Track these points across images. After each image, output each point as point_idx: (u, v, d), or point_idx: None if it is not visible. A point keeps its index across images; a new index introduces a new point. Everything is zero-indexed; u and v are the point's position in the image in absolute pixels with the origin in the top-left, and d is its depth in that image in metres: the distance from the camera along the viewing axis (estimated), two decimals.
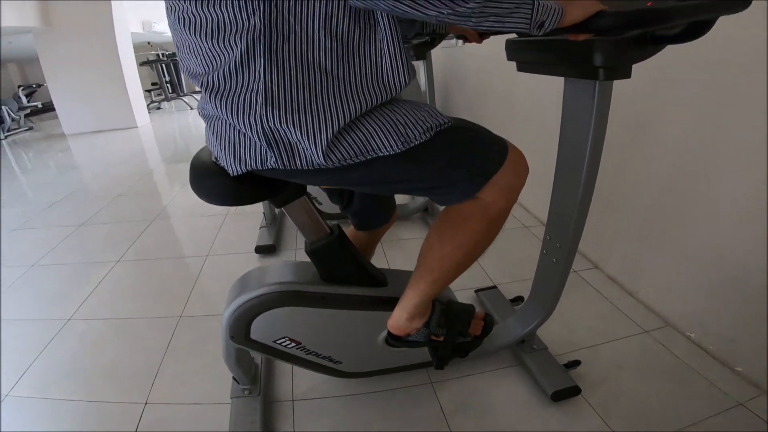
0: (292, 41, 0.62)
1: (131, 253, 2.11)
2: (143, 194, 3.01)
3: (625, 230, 1.65)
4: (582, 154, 0.80)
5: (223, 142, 0.71)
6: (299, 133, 0.65)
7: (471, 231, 0.79)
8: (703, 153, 1.28)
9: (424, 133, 0.70)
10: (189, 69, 0.71)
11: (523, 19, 0.58)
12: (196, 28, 0.64)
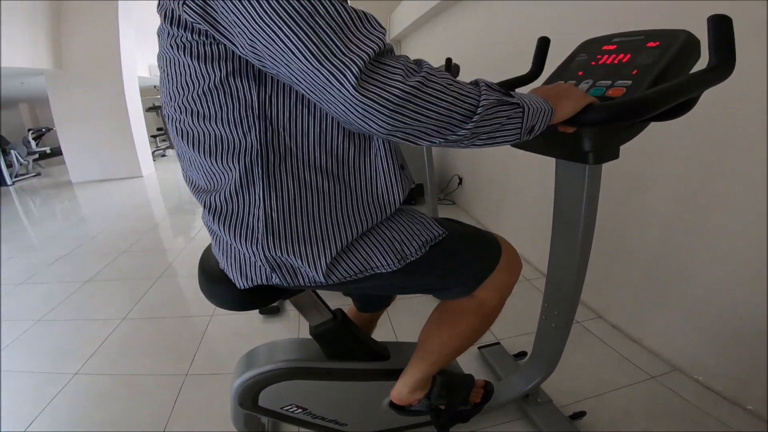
0: (289, 160, 0.64)
1: (137, 311, 2.13)
2: (148, 251, 3.04)
3: (628, 279, 1.68)
4: (575, 231, 0.84)
5: (229, 259, 0.73)
6: (300, 260, 0.68)
7: (467, 324, 0.85)
8: (700, 202, 1.34)
9: (420, 249, 0.74)
10: (192, 181, 0.73)
11: (515, 129, 0.59)
12: (194, 143, 0.66)
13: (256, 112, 0.61)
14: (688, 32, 0.75)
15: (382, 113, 0.50)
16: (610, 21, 1.65)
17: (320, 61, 0.49)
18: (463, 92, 0.54)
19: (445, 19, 3.63)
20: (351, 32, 0.50)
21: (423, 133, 0.54)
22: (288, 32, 0.50)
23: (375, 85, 0.49)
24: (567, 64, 0.89)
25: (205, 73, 0.60)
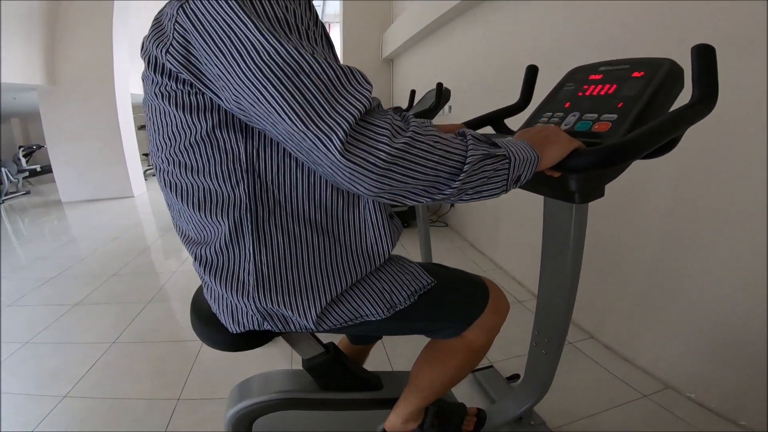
0: (278, 214, 0.64)
1: (127, 334, 2.10)
2: (139, 273, 3.00)
3: (619, 300, 1.70)
4: (564, 265, 0.86)
5: (220, 306, 0.72)
6: (291, 311, 0.68)
7: (456, 362, 0.87)
8: (691, 224, 1.37)
9: (409, 298, 0.75)
10: (182, 231, 0.73)
11: (501, 181, 0.58)
12: (183, 195, 0.65)
13: (243, 165, 0.61)
14: (672, 61, 0.77)
15: (369, 177, 0.50)
16: (600, 39, 1.69)
17: (306, 125, 0.48)
18: (449, 149, 0.54)
19: (437, 39, 3.70)
20: (337, 91, 0.50)
21: (410, 193, 0.54)
22: (273, 92, 0.49)
23: (361, 148, 0.49)
24: (554, 94, 0.91)
25: (191, 124, 0.60)
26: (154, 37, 0.58)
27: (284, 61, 0.49)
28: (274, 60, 0.49)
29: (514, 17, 2.36)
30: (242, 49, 0.50)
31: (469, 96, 3.01)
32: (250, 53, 0.50)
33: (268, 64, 0.49)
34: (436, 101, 1.95)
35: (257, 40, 0.49)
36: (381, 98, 5.06)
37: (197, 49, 0.54)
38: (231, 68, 0.51)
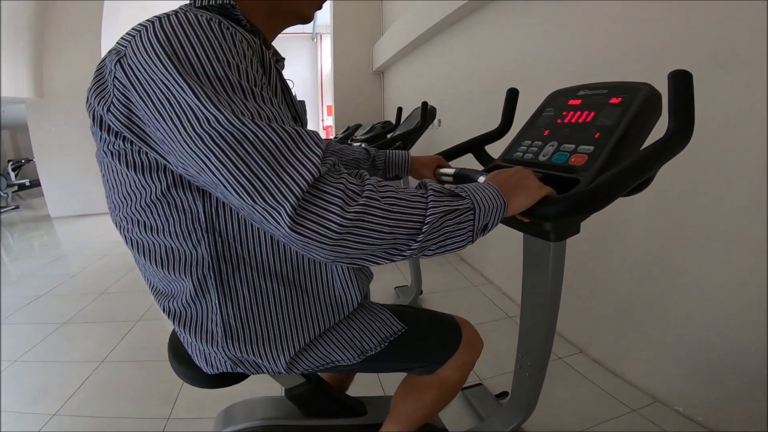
0: (242, 269, 0.63)
1: (117, 353, 2.08)
2: (129, 291, 2.97)
3: (607, 316, 1.72)
4: (543, 296, 0.86)
5: (194, 351, 0.72)
6: (261, 359, 0.68)
7: (431, 397, 0.88)
8: (672, 244, 1.40)
9: (380, 344, 0.75)
10: (150, 283, 0.71)
11: (466, 234, 0.56)
12: (145, 253, 0.64)
13: (203, 224, 0.60)
14: (649, 87, 0.77)
15: (322, 248, 0.47)
16: (587, 53, 1.72)
17: (253, 198, 0.46)
18: (407, 210, 0.51)
19: (427, 51, 3.73)
20: (284, 158, 0.47)
21: (368, 258, 0.51)
22: (216, 163, 0.47)
23: (312, 219, 0.46)
24: (534, 120, 0.92)
25: (145, 184, 0.58)
26: (96, 91, 0.56)
27: (225, 130, 0.46)
28: (215, 128, 0.46)
29: (502, 30, 2.39)
30: (182, 114, 0.48)
31: (458, 108, 3.04)
32: (190, 120, 0.47)
33: (208, 133, 0.47)
34: (421, 121, 1.96)
35: (196, 105, 0.47)
36: (371, 111, 5.03)
37: (138, 108, 0.51)
38: (172, 134, 0.49)
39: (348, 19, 5.45)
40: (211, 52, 0.50)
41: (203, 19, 0.53)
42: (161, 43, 0.50)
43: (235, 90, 0.49)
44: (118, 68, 0.52)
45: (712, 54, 1.22)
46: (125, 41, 0.54)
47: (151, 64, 0.49)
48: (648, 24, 1.43)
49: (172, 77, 0.48)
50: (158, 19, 0.53)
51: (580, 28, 1.76)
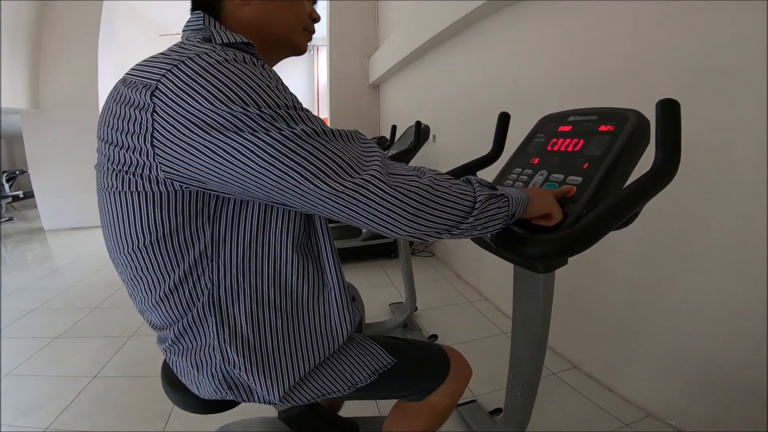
0: (242, 300, 0.64)
1: (110, 368, 2.07)
2: (123, 306, 2.94)
3: (600, 332, 1.74)
4: (534, 323, 0.88)
5: (186, 378, 0.72)
6: (257, 387, 0.68)
7: (421, 422, 0.89)
8: (662, 263, 1.43)
9: (370, 377, 0.77)
10: (146, 317, 0.71)
11: (502, 218, 0.65)
12: (145, 291, 0.65)
13: (209, 256, 0.62)
14: (637, 114, 0.78)
15: (405, 217, 0.55)
16: (584, 70, 1.75)
17: (341, 176, 0.53)
18: (462, 190, 0.61)
19: (423, 65, 3.77)
20: (356, 144, 0.57)
21: (435, 231, 0.59)
22: (301, 166, 0.52)
23: (397, 189, 0.55)
24: (525, 146, 0.94)
25: (152, 225, 0.59)
26: (124, 126, 0.55)
27: (301, 139, 0.53)
28: (300, 137, 0.53)
29: (497, 44, 2.43)
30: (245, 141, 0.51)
31: (453, 123, 3.07)
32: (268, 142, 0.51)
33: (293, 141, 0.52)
34: (414, 141, 1.97)
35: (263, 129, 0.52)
36: (367, 124, 5.05)
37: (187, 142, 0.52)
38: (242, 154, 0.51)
39: (344, 31, 5.50)
40: (260, 81, 0.54)
41: (239, 56, 0.56)
42: (209, 76, 0.52)
43: (289, 108, 0.55)
44: (158, 102, 0.52)
45: (701, 70, 1.26)
46: (154, 75, 0.54)
47: (205, 99, 0.51)
48: (639, 39, 1.47)
49: (225, 109, 0.51)
50: (195, 55, 0.54)
51: (571, 45, 1.81)
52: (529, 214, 0.70)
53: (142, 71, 0.57)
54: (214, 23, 0.68)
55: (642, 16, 1.45)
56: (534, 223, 0.72)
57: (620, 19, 1.54)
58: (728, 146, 1.21)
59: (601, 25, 1.63)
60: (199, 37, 0.65)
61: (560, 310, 1.87)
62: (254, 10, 0.71)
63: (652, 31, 1.41)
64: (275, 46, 0.76)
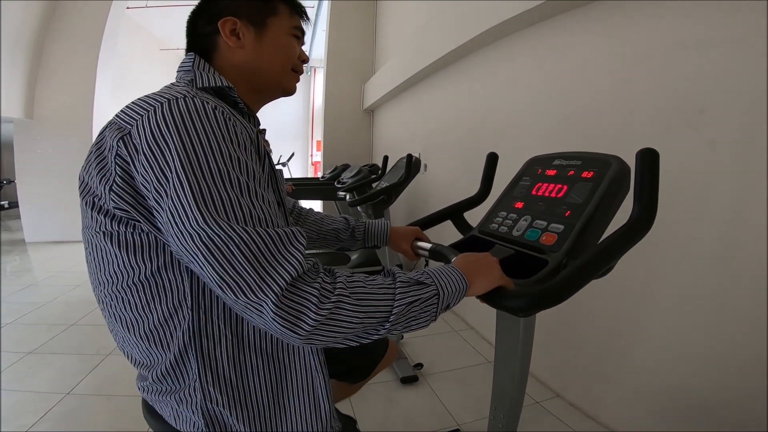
0: (223, 344, 0.65)
1: (84, 385, 2.01)
2: (101, 325, 2.83)
3: (582, 362, 1.77)
4: (514, 361, 0.87)
5: (164, 411, 0.71)
6: (239, 423, 0.67)
7: None
8: (639, 298, 1.49)
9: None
10: (127, 354, 0.72)
11: (431, 315, 0.62)
12: (128, 328, 0.65)
13: (189, 302, 0.62)
14: (619, 161, 0.80)
15: (299, 337, 0.52)
16: (575, 101, 1.80)
17: (236, 295, 0.51)
18: (375, 304, 0.57)
19: (414, 94, 3.84)
20: (266, 260, 0.52)
21: (340, 342, 0.56)
22: (203, 261, 0.51)
23: (290, 314, 0.51)
24: (511, 189, 0.95)
25: (135, 265, 0.60)
26: (96, 168, 0.59)
27: (213, 232, 0.51)
28: (204, 229, 0.51)
29: (489, 76, 2.50)
30: (174, 210, 0.52)
31: (445, 153, 3.11)
32: (182, 218, 0.52)
33: (198, 233, 0.51)
34: (405, 174, 1.99)
35: (188, 204, 0.51)
36: (359, 150, 5.08)
37: (142, 188, 0.55)
38: (167, 225, 0.53)
39: (342, 54, 5.57)
40: (215, 144, 0.54)
41: (209, 107, 0.56)
42: (168, 130, 0.53)
43: (233, 185, 0.53)
44: (121, 145, 0.55)
45: (681, 110, 1.31)
46: (131, 119, 0.57)
47: (155, 149, 0.53)
48: (625, 79, 1.53)
49: (174, 169, 0.52)
50: (167, 102, 0.56)
51: (560, 81, 1.87)
52: (474, 294, 0.69)
53: (124, 113, 0.59)
54: (203, 65, 0.72)
55: (625, 54, 1.52)
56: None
57: (605, 57, 1.62)
58: (706, 183, 1.25)
59: (589, 62, 1.70)
60: (186, 78, 0.69)
61: (544, 339, 1.90)
62: (246, 53, 0.75)
63: (635, 68, 1.48)
64: (265, 87, 0.79)
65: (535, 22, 1.99)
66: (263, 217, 0.54)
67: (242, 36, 0.75)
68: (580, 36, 1.75)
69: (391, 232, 1.05)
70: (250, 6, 0.76)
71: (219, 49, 0.75)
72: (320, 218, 1.06)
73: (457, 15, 2.59)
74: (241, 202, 0.53)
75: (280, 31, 0.78)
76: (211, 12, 0.76)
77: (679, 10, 1.32)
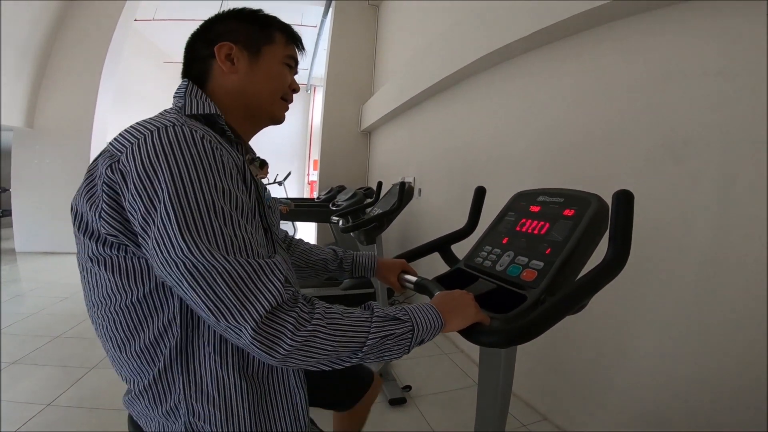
0: (208, 361, 0.68)
1: (65, 398, 1.99)
2: (87, 337, 2.83)
3: (570, 384, 1.81)
4: (495, 388, 0.88)
5: (149, 425, 0.72)
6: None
7: None
8: (622, 322, 1.54)
9: None
10: (118, 371, 0.73)
11: (403, 350, 0.66)
12: (119, 346, 0.68)
13: (178, 321, 0.65)
14: (598, 200, 0.83)
15: (275, 359, 0.57)
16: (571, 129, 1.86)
17: (217, 319, 0.55)
18: (350, 336, 0.60)
19: (410, 118, 3.91)
20: (248, 288, 0.56)
21: (314, 366, 0.60)
22: (187, 287, 0.55)
23: (267, 338, 0.55)
24: (497, 224, 0.99)
25: (126, 288, 0.63)
26: (86, 195, 0.62)
27: (197, 261, 0.55)
28: (188, 258, 0.55)
29: (483, 102, 2.57)
30: (160, 238, 0.55)
31: (438, 177, 3.16)
32: (167, 246, 0.55)
33: (182, 261, 0.55)
34: (397, 201, 2.02)
35: (173, 234, 0.55)
36: (356, 172, 5.13)
37: (128, 215, 0.59)
38: (152, 252, 0.57)
39: (341, 75, 5.64)
40: (202, 173, 0.57)
41: (197, 136, 0.59)
42: (157, 159, 0.56)
43: (217, 215, 0.56)
44: (109, 173, 0.58)
45: (666, 142, 1.37)
46: (121, 146, 0.60)
47: (144, 178, 0.56)
48: (612, 109, 1.60)
49: (162, 199, 0.55)
50: (156, 130, 0.59)
51: (548, 111, 1.94)
52: (449, 331, 0.72)
53: (116, 141, 0.63)
54: (195, 91, 0.74)
55: (611, 83, 1.60)
56: None
57: (592, 87, 1.70)
58: (689, 216, 1.31)
59: (578, 91, 1.77)
60: (178, 105, 0.72)
61: (530, 363, 1.94)
62: (239, 79, 0.77)
63: (622, 98, 1.55)
64: (255, 114, 0.82)
65: (527, 50, 2.07)
66: (245, 247, 0.58)
67: (236, 61, 0.77)
68: (569, 65, 1.83)
69: (378, 264, 1.08)
70: (248, 32, 0.79)
71: (213, 74, 0.77)
72: (309, 248, 1.09)
73: (453, 42, 2.69)
74: (224, 232, 0.56)
75: (274, 60, 0.81)
76: (209, 36, 0.78)
77: (665, 41, 1.40)
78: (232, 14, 0.81)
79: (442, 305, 0.72)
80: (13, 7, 4.69)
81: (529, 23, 1.87)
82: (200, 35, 0.80)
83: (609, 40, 1.63)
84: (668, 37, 1.40)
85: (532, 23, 1.85)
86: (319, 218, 4.36)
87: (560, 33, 1.82)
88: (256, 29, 0.80)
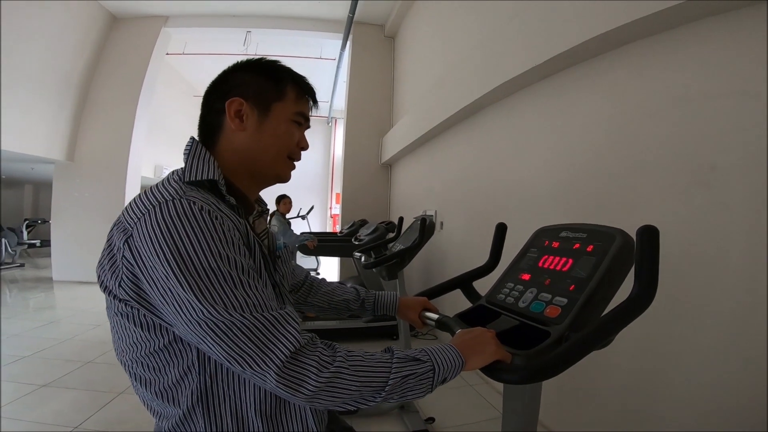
0: (228, 402, 0.72)
1: (92, 422, 2.04)
2: (115, 364, 2.82)
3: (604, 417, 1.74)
4: (521, 422, 0.88)
5: None
6: None
7: None
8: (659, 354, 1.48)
9: None
10: (144, 402, 0.77)
11: (425, 389, 0.70)
12: (145, 385, 0.73)
13: (197, 368, 0.70)
14: (623, 235, 0.83)
15: (302, 398, 0.62)
16: (575, 158, 1.86)
17: (243, 368, 0.61)
18: (372, 377, 0.65)
19: (429, 150, 3.93)
20: (267, 338, 0.62)
21: (340, 406, 0.65)
22: (211, 344, 0.61)
23: (293, 380, 0.61)
24: (519, 260, 1.00)
25: (149, 338, 0.69)
26: (108, 264, 0.68)
27: (217, 320, 0.61)
28: (208, 318, 0.61)
29: (500, 133, 2.59)
30: (178, 306, 0.61)
31: (461, 210, 3.15)
32: (187, 310, 0.61)
33: (204, 321, 0.61)
34: (419, 238, 2.03)
35: (188, 300, 0.61)
36: (378, 205, 5.20)
37: (146, 286, 0.64)
38: (173, 317, 0.63)
39: (361, 107, 5.75)
40: (205, 246, 0.63)
41: (196, 209, 0.64)
42: (162, 236, 0.62)
43: (226, 281, 0.63)
44: (125, 248, 0.65)
45: (693, 169, 1.34)
46: (131, 221, 0.66)
47: (153, 255, 0.62)
48: (631, 134, 1.59)
49: (171, 272, 0.61)
50: (159, 205, 0.65)
51: (568, 138, 1.94)
52: (471, 369, 0.75)
53: (128, 212, 0.69)
54: (200, 152, 0.76)
55: (636, 110, 1.58)
56: None
57: (609, 112, 1.69)
58: (722, 246, 1.27)
59: (601, 117, 1.76)
60: (180, 171, 0.75)
61: (561, 393, 1.90)
62: (246, 137, 0.78)
63: (641, 122, 1.53)
64: (261, 173, 0.83)
65: (543, 77, 2.08)
66: (258, 304, 0.64)
67: (245, 119, 0.77)
68: (585, 91, 1.83)
69: (400, 302, 1.09)
70: (259, 86, 0.79)
71: (224, 130, 0.79)
72: (331, 289, 1.11)
73: (469, 73, 2.73)
74: (235, 294, 0.62)
75: (282, 118, 0.80)
76: (223, 89, 0.79)
77: (682, 62, 1.39)
78: (248, 66, 0.81)
79: (462, 344, 0.75)
80: (58, 36, 5.00)
81: (543, 48, 1.89)
82: (216, 86, 0.81)
83: (624, 67, 1.63)
84: (685, 57, 1.39)
85: (547, 49, 1.86)
86: (343, 253, 4.41)
87: (579, 57, 1.81)
88: (269, 83, 0.80)
